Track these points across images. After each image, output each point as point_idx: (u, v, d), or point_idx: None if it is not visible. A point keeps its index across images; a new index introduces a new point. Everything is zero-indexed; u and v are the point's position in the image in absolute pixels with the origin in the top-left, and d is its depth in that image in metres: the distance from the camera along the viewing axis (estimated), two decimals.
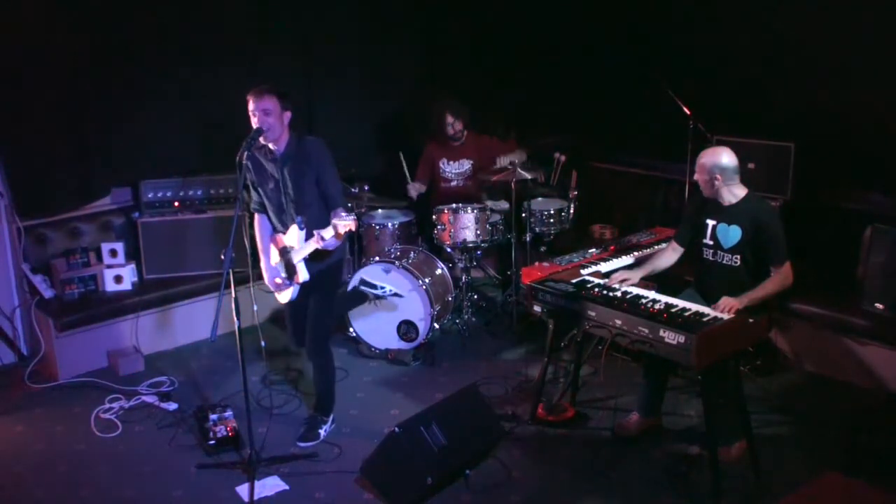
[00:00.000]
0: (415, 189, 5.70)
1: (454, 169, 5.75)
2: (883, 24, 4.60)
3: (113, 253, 5.15)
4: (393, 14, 6.22)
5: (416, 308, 4.97)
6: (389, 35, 6.22)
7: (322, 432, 4.19)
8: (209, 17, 5.33)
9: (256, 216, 4.15)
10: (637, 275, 3.97)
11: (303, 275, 3.92)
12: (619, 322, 3.61)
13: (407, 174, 5.67)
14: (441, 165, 5.75)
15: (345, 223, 3.65)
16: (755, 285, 3.74)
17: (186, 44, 5.26)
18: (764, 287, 3.70)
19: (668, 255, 4.10)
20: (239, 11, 5.46)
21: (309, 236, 3.83)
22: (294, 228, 3.90)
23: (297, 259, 3.89)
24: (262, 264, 4.13)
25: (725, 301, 3.60)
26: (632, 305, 3.65)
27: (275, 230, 4.09)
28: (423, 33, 6.43)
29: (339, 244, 3.87)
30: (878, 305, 4.45)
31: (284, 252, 3.97)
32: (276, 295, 4.12)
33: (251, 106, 3.84)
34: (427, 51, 6.49)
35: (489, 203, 5.51)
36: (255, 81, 4.33)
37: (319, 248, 3.77)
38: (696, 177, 3.91)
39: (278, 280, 4.03)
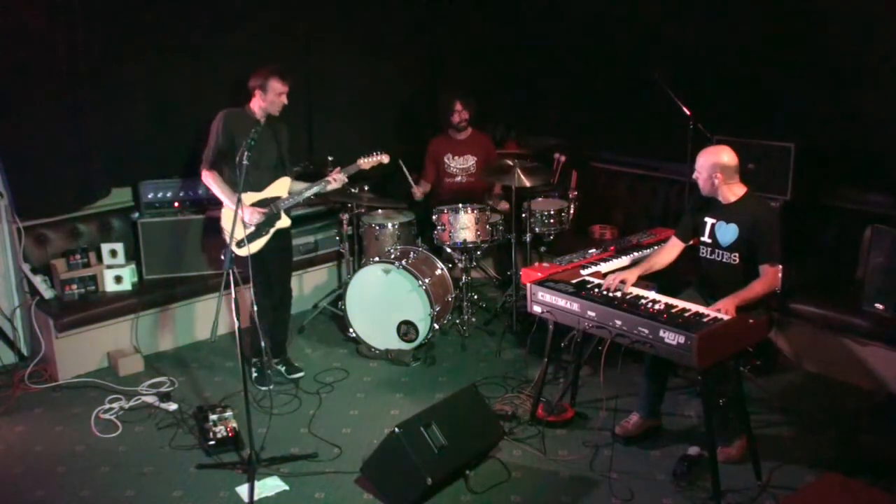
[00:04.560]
0: (420, 192, 5.72)
1: (458, 164, 5.75)
2: (883, 23, 4.60)
3: (113, 253, 5.15)
4: (393, 14, 6.21)
5: (416, 308, 4.97)
6: (389, 35, 6.22)
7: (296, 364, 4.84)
8: (209, 17, 5.33)
9: (212, 171, 4.48)
10: (634, 273, 3.95)
11: (285, 221, 4.56)
12: (619, 322, 3.60)
13: (410, 179, 5.69)
14: (446, 160, 5.76)
15: (373, 160, 4.66)
16: None
17: (186, 43, 5.26)
18: (753, 288, 3.68)
19: (668, 252, 4.09)
20: (239, 11, 5.46)
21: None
22: (287, 179, 4.57)
23: (284, 206, 4.52)
24: (230, 213, 4.30)
25: (719, 305, 3.59)
26: (632, 306, 3.65)
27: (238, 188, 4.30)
28: (423, 33, 6.43)
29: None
30: (878, 305, 4.45)
31: (264, 204, 4.42)
32: (238, 249, 4.27)
33: (284, 89, 4.45)
34: (427, 50, 6.49)
35: (489, 203, 5.51)
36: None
37: (330, 188, 4.61)
38: (695, 175, 3.89)
39: (248, 231, 4.38)
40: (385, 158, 4.64)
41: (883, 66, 4.63)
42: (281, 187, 4.56)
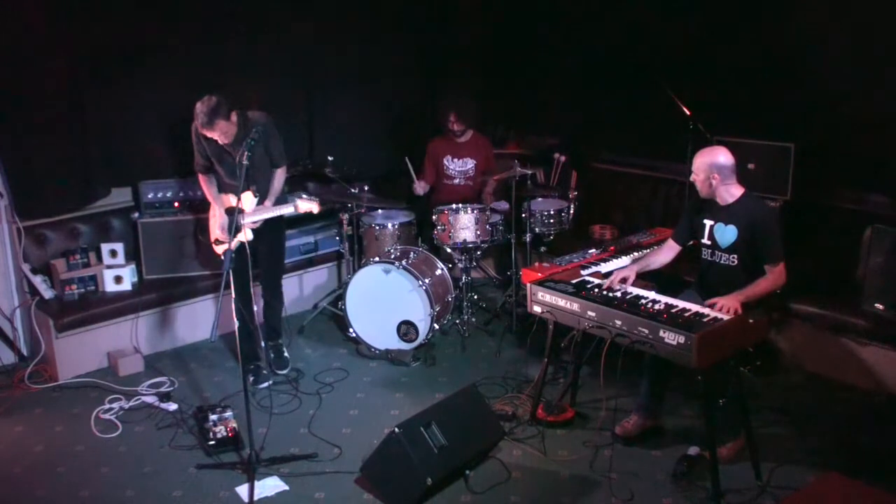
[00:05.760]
0: (421, 187, 5.72)
1: (458, 167, 5.75)
2: (883, 23, 4.60)
3: (113, 253, 5.15)
4: (393, 14, 6.21)
5: (416, 308, 4.97)
6: (389, 35, 6.22)
7: (287, 354, 4.92)
8: (209, 19, 5.33)
9: (201, 175, 4.64)
10: (633, 270, 3.96)
11: (248, 234, 4.45)
12: (618, 322, 3.61)
13: (414, 176, 5.69)
14: (445, 163, 5.76)
15: (308, 205, 4.29)
16: None
17: (187, 44, 5.26)
18: (758, 285, 3.69)
19: (665, 253, 4.10)
20: (239, 12, 5.46)
21: (260, 202, 4.50)
22: (249, 195, 4.45)
23: (246, 220, 4.43)
24: (213, 214, 4.66)
25: (722, 302, 3.60)
26: (632, 306, 3.65)
27: (222, 191, 4.63)
28: (423, 33, 6.43)
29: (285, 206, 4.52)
30: (878, 305, 4.45)
31: (232, 211, 4.22)
32: (216, 246, 4.66)
33: (206, 134, 4.32)
34: (427, 50, 6.49)
35: (489, 203, 5.51)
36: (255, 82, 4.36)
37: (268, 216, 4.46)
38: (692, 178, 3.90)
39: (221, 233, 4.57)
40: (316, 208, 4.40)
41: (883, 66, 4.63)
42: (246, 201, 4.50)
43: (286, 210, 4.46)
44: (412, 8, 6.31)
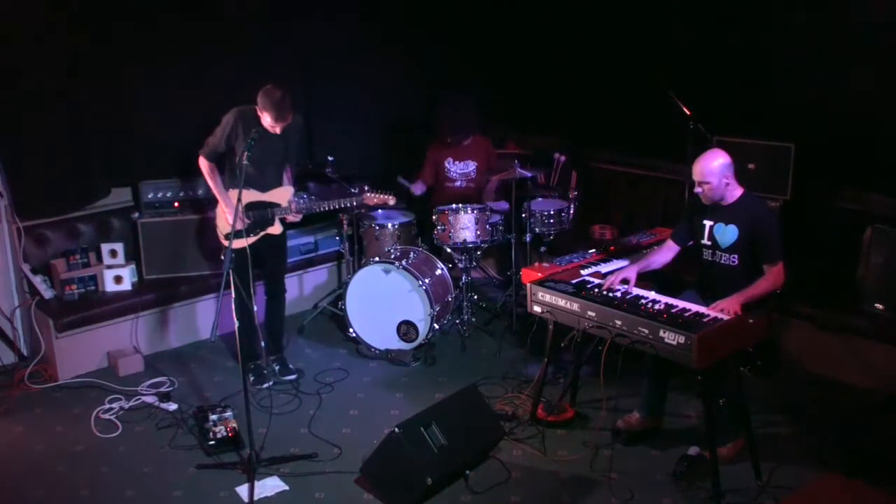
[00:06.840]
0: (419, 188, 5.69)
1: (459, 169, 5.74)
2: (883, 23, 4.60)
3: (113, 253, 5.15)
4: (393, 15, 6.21)
5: (416, 308, 4.97)
6: (389, 35, 6.21)
7: (292, 366, 4.87)
8: (210, 19, 5.33)
9: (209, 161, 4.48)
10: (634, 270, 3.95)
11: (277, 228, 4.59)
12: (618, 322, 3.60)
13: (408, 186, 5.65)
14: (447, 165, 5.74)
15: (380, 198, 4.68)
16: None
17: (187, 44, 5.26)
18: (758, 286, 3.68)
19: (664, 253, 4.09)
20: (239, 13, 5.46)
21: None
22: (285, 189, 4.58)
23: (283, 215, 4.56)
24: (224, 207, 4.50)
25: (724, 304, 3.59)
26: (632, 306, 3.65)
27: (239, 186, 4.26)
28: (423, 33, 6.42)
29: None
30: (878, 305, 4.45)
31: (260, 205, 4.47)
32: (226, 241, 4.47)
33: (274, 125, 4.28)
34: (427, 51, 6.48)
35: (489, 203, 5.50)
36: (255, 82, 4.35)
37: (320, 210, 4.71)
38: (700, 186, 3.80)
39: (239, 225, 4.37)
40: (392, 201, 4.77)
41: (884, 66, 4.63)
42: (282, 195, 4.56)
43: (347, 202, 4.72)
44: (412, 8, 6.31)
